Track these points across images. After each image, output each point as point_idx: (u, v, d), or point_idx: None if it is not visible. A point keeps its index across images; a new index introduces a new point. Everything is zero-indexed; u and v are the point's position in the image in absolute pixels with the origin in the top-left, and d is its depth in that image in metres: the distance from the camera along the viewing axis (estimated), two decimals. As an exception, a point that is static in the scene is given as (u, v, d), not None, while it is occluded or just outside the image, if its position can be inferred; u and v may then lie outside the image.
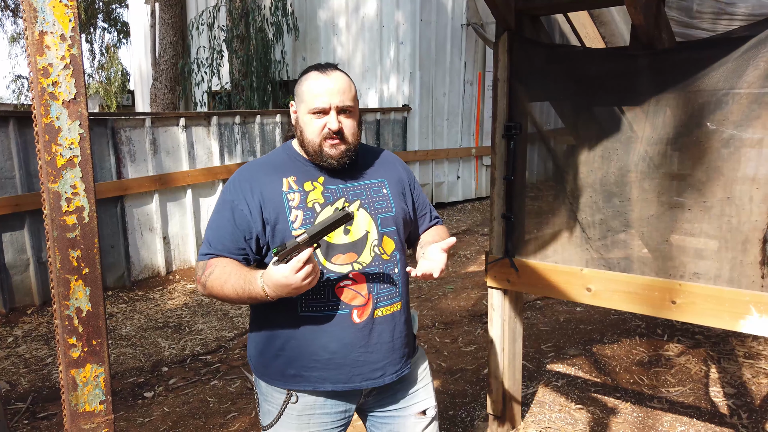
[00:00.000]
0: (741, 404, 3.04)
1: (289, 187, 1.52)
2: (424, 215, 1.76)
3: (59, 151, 1.08)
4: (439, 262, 1.48)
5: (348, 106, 1.50)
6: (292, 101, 1.59)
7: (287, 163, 1.57)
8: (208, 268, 1.50)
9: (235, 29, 9.32)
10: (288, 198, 1.50)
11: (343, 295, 1.49)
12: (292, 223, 1.48)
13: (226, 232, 1.52)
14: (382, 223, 1.56)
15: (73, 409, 1.15)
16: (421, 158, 8.48)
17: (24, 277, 4.78)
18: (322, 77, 1.50)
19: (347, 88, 1.51)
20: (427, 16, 8.37)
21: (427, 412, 1.65)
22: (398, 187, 1.64)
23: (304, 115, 1.51)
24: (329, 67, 1.52)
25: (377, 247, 1.54)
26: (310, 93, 1.50)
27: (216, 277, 1.47)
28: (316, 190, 1.53)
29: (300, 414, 1.54)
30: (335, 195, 1.54)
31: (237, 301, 1.47)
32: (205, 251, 1.55)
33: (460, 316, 4.59)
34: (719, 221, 2.11)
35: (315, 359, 1.50)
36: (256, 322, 1.61)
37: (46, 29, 1.05)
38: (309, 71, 1.54)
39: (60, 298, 1.11)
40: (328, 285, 1.49)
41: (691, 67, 2.15)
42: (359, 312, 1.50)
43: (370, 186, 1.59)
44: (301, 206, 1.50)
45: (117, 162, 5.35)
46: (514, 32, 2.50)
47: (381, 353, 1.53)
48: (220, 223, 1.54)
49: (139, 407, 3.30)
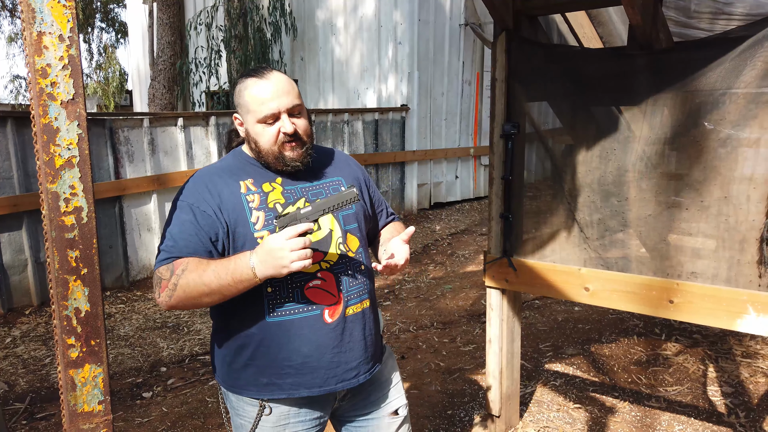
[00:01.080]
0: (739, 403, 3.05)
1: (248, 189, 1.47)
2: (381, 211, 1.74)
3: (58, 152, 1.08)
4: (401, 253, 1.46)
5: (296, 106, 1.46)
6: (236, 114, 1.52)
7: (241, 167, 1.51)
8: (178, 267, 1.38)
9: (233, 29, 9.32)
10: (247, 199, 1.45)
11: (312, 296, 1.46)
12: (254, 225, 1.43)
13: (190, 233, 1.42)
14: (345, 220, 1.54)
15: (72, 409, 1.15)
16: (419, 158, 8.48)
17: (22, 278, 4.78)
18: (262, 82, 1.44)
19: (290, 87, 1.46)
20: (426, 16, 8.37)
21: (399, 411, 1.65)
22: (354, 184, 1.61)
23: (253, 125, 1.45)
24: (265, 70, 1.46)
25: (342, 244, 1.52)
26: (255, 102, 1.43)
27: (192, 268, 1.36)
28: (276, 191, 1.48)
29: (274, 425, 1.50)
30: (295, 195, 1.50)
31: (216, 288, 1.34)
32: (165, 256, 1.41)
33: (459, 315, 4.59)
34: (717, 221, 2.12)
35: (288, 365, 1.45)
36: (221, 333, 1.54)
37: (44, 30, 1.05)
38: (245, 78, 1.47)
39: (58, 299, 1.11)
40: (296, 286, 1.45)
41: (688, 67, 2.16)
42: (330, 311, 1.47)
43: (328, 185, 1.57)
44: (262, 207, 1.45)
45: (115, 162, 5.35)
46: (512, 32, 2.51)
47: (354, 352, 1.51)
48: (182, 227, 1.42)
49: (138, 407, 3.30)
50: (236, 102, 1.51)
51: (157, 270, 1.43)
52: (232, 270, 1.33)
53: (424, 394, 3.28)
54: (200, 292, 1.36)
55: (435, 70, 8.66)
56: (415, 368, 3.63)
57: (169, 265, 1.41)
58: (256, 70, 1.47)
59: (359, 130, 7.77)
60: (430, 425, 2.97)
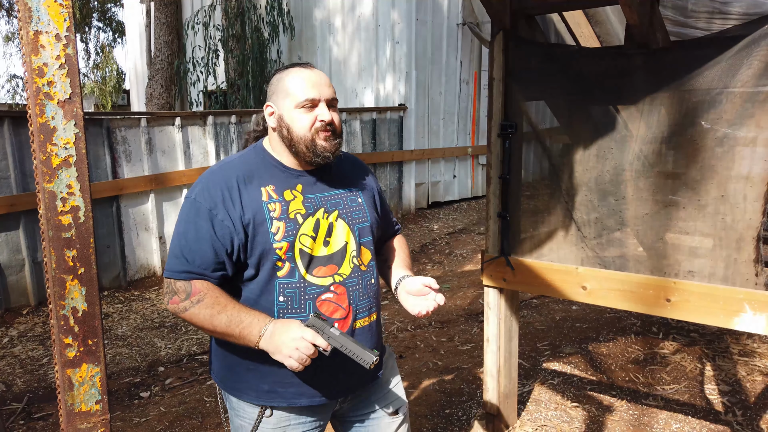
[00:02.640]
0: (736, 401, 3.06)
1: (269, 197, 1.44)
2: (388, 222, 1.73)
3: (54, 151, 1.08)
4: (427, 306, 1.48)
5: (334, 99, 1.47)
6: (269, 102, 1.50)
7: (262, 169, 1.49)
8: (195, 294, 1.39)
9: (231, 28, 9.31)
10: (269, 208, 1.42)
11: (323, 308, 1.45)
12: (274, 235, 1.41)
13: (206, 246, 1.40)
14: (360, 233, 1.53)
15: (70, 409, 1.15)
16: (417, 157, 8.49)
17: (19, 278, 4.77)
18: (306, 71, 1.46)
19: (330, 84, 1.48)
20: (423, 15, 8.38)
21: (399, 411, 1.65)
22: (370, 195, 1.61)
23: (290, 111, 1.44)
24: (310, 64, 1.50)
25: (356, 258, 1.50)
26: (296, 87, 1.44)
27: (208, 304, 1.38)
28: (297, 200, 1.46)
29: (275, 427, 1.50)
30: (315, 205, 1.48)
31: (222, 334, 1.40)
32: (183, 268, 1.41)
33: (457, 314, 4.59)
34: (713, 219, 2.12)
35: (292, 374, 1.44)
36: None
37: (41, 29, 1.05)
38: (288, 68, 1.49)
39: (56, 298, 1.11)
40: (309, 298, 1.44)
41: (685, 66, 2.16)
42: (340, 325, 1.47)
43: (346, 195, 1.55)
44: (283, 217, 1.43)
45: (112, 162, 5.34)
46: (510, 31, 2.51)
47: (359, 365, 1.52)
48: (198, 234, 1.41)
49: (136, 407, 3.30)
50: (272, 90, 1.49)
51: (173, 281, 1.43)
52: (245, 326, 1.36)
53: (422, 394, 3.29)
54: (205, 328, 1.41)
55: (433, 69, 8.66)
56: (414, 367, 3.63)
57: (185, 284, 1.41)
58: (300, 63, 1.49)
59: (357, 130, 7.77)
60: (429, 424, 2.97)
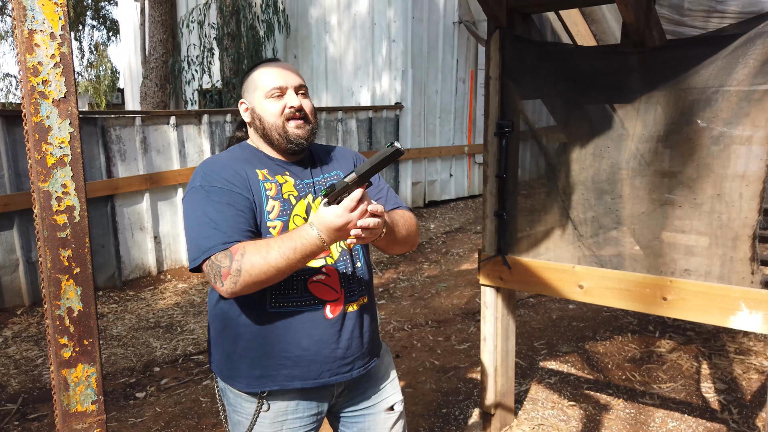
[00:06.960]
0: (732, 400, 3.07)
1: (265, 177, 1.48)
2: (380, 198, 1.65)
3: (49, 150, 1.07)
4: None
5: (302, 86, 1.51)
6: (242, 99, 1.55)
7: (255, 157, 1.52)
8: (236, 252, 1.32)
9: (226, 27, 9.27)
10: (265, 187, 1.46)
11: (316, 290, 1.46)
12: (268, 213, 1.44)
13: (230, 214, 1.38)
14: None
15: (65, 409, 1.14)
16: (413, 156, 8.48)
17: (13, 278, 4.74)
18: (271, 65, 1.51)
19: (298, 73, 1.54)
20: (419, 13, 8.37)
21: (395, 407, 1.65)
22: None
23: (260, 102, 1.49)
24: (276, 60, 1.56)
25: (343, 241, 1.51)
26: (263, 78, 1.49)
27: (253, 252, 1.31)
28: (288, 183, 1.50)
29: (272, 422, 1.51)
30: (304, 190, 1.52)
31: (284, 268, 1.31)
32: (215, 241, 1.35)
33: (453, 314, 4.60)
34: (710, 218, 2.13)
35: (285, 356, 1.46)
36: (220, 324, 1.53)
37: (35, 27, 1.04)
38: (257, 65, 1.55)
39: (51, 298, 1.10)
40: (300, 280, 1.45)
41: (681, 64, 2.17)
42: (332, 307, 1.48)
43: (333, 179, 1.57)
44: (278, 197, 1.46)
45: (107, 161, 5.31)
46: (506, 30, 2.51)
47: (351, 348, 1.52)
48: (218, 208, 1.38)
49: (131, 407, 3.28)
50: (243, 88, 1.54)
51: (213, 258, 1.35)
52: (301, 248, 1.30)
53: (419, 393, 3.29)
54: (267, 274, 1.32)
55: (429, 67, 8.65)
56: (410, 367, 3.63)
57: (225, 252, 1.34)
58: (269, 59, 1.55)
59: (353, 129, 7.76)
60: (426, 423, 2.97)
